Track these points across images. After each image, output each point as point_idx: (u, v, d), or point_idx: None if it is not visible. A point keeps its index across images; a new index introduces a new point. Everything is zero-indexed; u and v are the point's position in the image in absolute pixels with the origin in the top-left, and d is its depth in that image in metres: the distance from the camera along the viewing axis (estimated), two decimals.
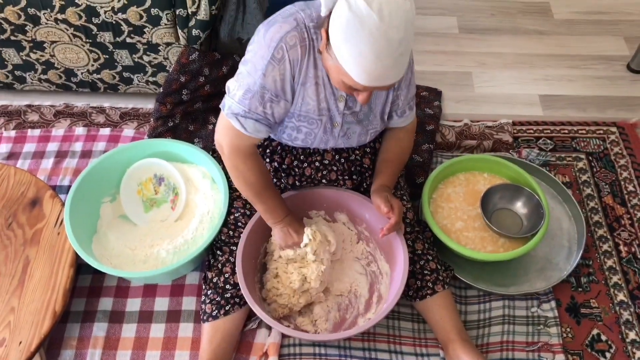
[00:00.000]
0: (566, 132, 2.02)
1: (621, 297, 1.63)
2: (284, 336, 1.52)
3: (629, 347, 1.54)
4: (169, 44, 1.86)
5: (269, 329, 1.53)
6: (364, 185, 1.59)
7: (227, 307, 1.43)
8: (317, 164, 1.54)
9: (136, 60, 1.92)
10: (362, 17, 1.07)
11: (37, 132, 1.97)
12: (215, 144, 1.39)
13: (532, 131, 2.02)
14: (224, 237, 1.52)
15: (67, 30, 1.81)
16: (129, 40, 1.84)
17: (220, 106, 1.34)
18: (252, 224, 1.50)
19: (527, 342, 1.53)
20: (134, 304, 1.58)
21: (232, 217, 1.55)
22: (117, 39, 1.83)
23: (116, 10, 1.73)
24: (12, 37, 1.84)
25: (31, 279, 1.45)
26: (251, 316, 1.53)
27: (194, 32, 1.79)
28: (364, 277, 1.59)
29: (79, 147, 1.93)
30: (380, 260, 1.58)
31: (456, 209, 1.69)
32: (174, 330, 1.53)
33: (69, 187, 1.77)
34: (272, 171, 1.55)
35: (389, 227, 1.39)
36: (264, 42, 1.24)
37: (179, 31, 1.80)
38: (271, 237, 1.53)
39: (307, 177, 1.55)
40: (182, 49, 1.84)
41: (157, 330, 1.54)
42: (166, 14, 1.75)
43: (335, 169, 1.55)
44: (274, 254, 1.54)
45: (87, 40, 1.84)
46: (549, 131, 2.03)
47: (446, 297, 1.48)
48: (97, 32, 1.81)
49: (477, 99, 2.16)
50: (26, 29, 1.81)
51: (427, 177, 1.71)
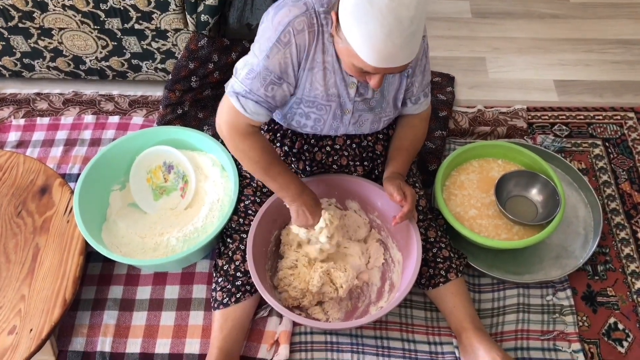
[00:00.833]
0: (582, 117, 1.99)
1: (639, 285, 1.59)
2: (295, 324, 1.51)
3: None
4: (177, 30, 1.84)
5: (280, 317, 1.52)
6: (376, 172, 1.57)
7: (237, 295, 1.43)
8: (327, 148, 1.52)
9: (145, 47, 1.91)
10: None
11: (46, 120, 1.97)
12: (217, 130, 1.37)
13: (547, 117, 1.99)
14: (234, 225, 1.51)
15: (75, 16, 1.79)
16: (137, 26, 1.82)
17: (225, 86, 1.32)
18: (263, 211, 1.49)
19: (542, 330, 1.51)
20: (144, 292, 1.58)
21: (242, 204, 1.54)
22: (125, 26, 1.82)
23: None
24: (20, 25, 1.83)
25: (41, 267, 1.45)
26: (262, 304, 1.53)
27: (203, 17, 1.77)
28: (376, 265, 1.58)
29: (88, 135, 1.93)
30: (392, 248, 1.56)
31: (470, 196, 1.67)
32: (184, 318, 1.53)
33: (78, 175, 1.77)
34: (282, 155, 1.53)
35: (401, 215, 1.38)
36: (271, 25, 1.23)
37: (188, 17, 1.78)
38: (287, 225, 1.51)
39: (317, 162, 1.53)
40: (190, 35, 1.82)
41: (168, 318, 1.53)
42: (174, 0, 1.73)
43: (346, 154, 1.53)
44: (292, 243, 1.53)
45: (95, 26, 1.83)
46: (564, 117, 1.99)
47: (459, 285, 1.47)
48: (105, 19, 1.79)
49: (490, 85, 2.13)
50: (34, 15, 1.79)
51: (440, 164, 1.69)
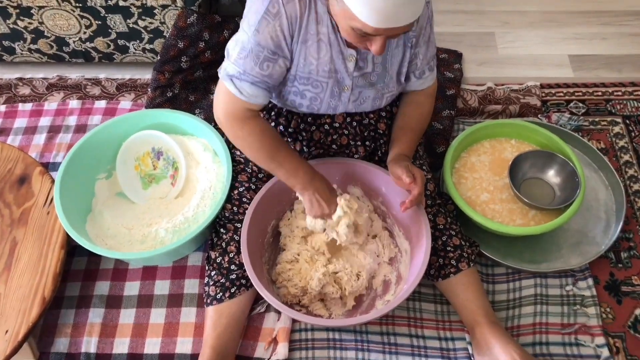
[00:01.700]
0: (600, 94, 1.91)
1: None
2: (294, 321, 1.44)
3: None
4: (165, 7, 1.75)
5: (278, 313, 1.44)
6: (379, 153, 1.49)
7: (232, 290, 1.35)
8: (326, 127, 1.43)
9: (131, 25, 1.81)
10: None
11: (28, 106, 1.90)
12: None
13: (562, 94, 1.91)
14: (227, 214, 1.43)
15: None
16: (122, 3, 1.74)
17: (218, 70, 1.26)
18: (258, 198, 1.40)
19: (562, 323, 1.43)
20: (132, 288, 1.51)
21: (236, 192, 1.46)
22: (109, 3, 1.74)
23: None
24: None
25: (18, 263, 1.38)
26: (259, 299, 1.45)
27: None
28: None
29: (73, 121, 1.85)
30: (399, 236, 1.48)
31: (481, 180, 1.57)
32: (175, 315, 1.46)
33: None
34: None
35: (411, 200, 1.28)
36: None
37: None
38: (288, 213, 1.44)
39: (315, 141, 1.45)
40: (179, 12, 1.73)
41: (158, 315, 1.46)
42: None
43: (346, 132, 1.44)
44: (295, 231, 1.46)
45: (77, 4, 1.74)
46: (580, 94, 1.92)
47: (471, 276, 1.39)
48: None
49: (501, 61, 2.08)
50: None
51: (449, 145, 1.61)
